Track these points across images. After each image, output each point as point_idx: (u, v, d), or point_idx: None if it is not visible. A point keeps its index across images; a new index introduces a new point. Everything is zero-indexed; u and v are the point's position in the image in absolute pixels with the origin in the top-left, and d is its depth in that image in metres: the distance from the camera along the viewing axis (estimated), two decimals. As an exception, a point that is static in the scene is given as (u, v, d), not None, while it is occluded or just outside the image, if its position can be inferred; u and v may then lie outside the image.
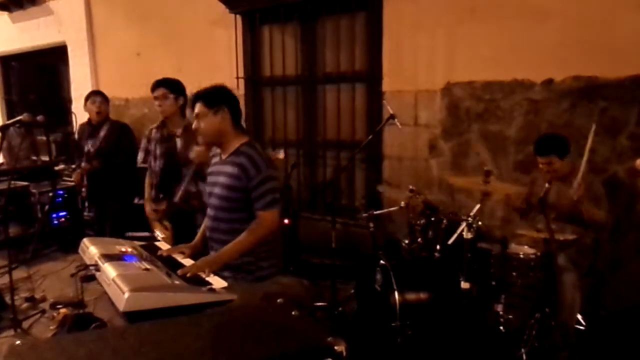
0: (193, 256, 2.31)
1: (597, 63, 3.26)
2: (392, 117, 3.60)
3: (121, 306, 1.58)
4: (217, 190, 2.32)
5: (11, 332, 3.29)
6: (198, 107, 2.30)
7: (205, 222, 2.46)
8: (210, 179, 2.42)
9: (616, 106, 3.25)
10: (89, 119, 4.39)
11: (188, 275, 1.98)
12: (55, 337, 2.78)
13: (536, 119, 3.55)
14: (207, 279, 1.99)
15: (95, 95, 4.39)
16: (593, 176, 3.13)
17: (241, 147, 2.29)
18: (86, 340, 1.17)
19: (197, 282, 1.93)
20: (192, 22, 5.35)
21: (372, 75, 4.28)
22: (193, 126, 2.38)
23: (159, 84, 3.31)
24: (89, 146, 4.26)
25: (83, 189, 4.43)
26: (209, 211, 2.40)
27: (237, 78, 4.93)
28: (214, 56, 5.17)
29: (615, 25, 3.19)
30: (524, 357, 2.73)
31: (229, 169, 2.27)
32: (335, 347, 1.10)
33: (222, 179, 2.29)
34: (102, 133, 4.26)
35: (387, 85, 4.16)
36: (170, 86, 3.28)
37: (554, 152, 2.93)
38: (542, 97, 3.50)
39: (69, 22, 6.72)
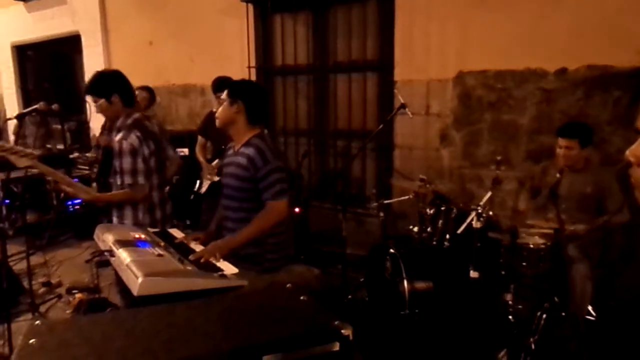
0: (206, 243, 2.35)
1: (611, 52, 3.21)
2: (403, 106, 3.59)
3: (135, 291, 1.62)
4: (228, 180, 2.40)
5: (29, 315, 3.38)
6: (224, 94, 2.40)
7: (219, 211, 2.53)
8: (224, 169, 2.50)
9: (630, 95, 3.20)
10: None
11: (201, 261, 2.03)
12: (73, 318, 2.85)
13: (549, 108, 3.52)
14: (218, 265, 2.02)
15: None
16: (607, 169, 3.10)
17: (252, 139, 2.35)
18: (102, 322, 1.21)
19: (208, 268, 1.97)
20: (204, 11, 5.36)
21: (383, 64, 4.27)
22: (214, 109, 2.44)
23: (85, 91, 2.75)
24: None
25: (95, 169, 4.48)
26: (222, 200, 2.47)
27: (249, 67, 4.94)
28: (225, 45, 5.18)
29: (631, 13, 3.13)
30: (533, 346, 2.74)
31: (239, 159, 2.34)
32: (343, 331, 1.13)
33: (233, 170, 2.37)
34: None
35: (398, 74, 4.14)
36: (95, 91, 2.71)
37: (578, 137, 2.91)
38: (556, 87, 3.47)
39: (82, 11, 6.78)
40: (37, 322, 1.14)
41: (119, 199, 2.63)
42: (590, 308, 2.98)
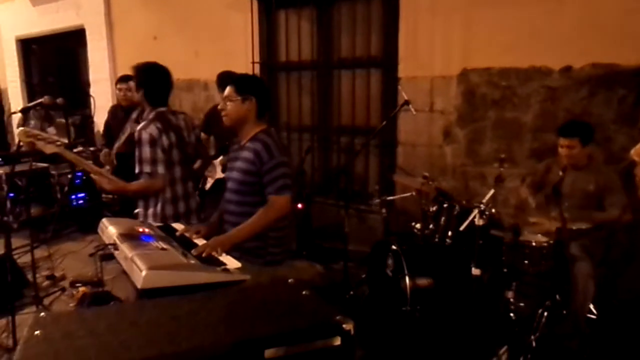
0: (208, 236, 2.36)
1: (617, 50, 3.20)
2: (406, 103, 3.59)
3: (139, 284, 1.64)
4: (233, 174, 2.41)
5: (33, 308, 3.40)
6: (228, 90, 2.37)
7: (222, 204, 2.54)
8: (229, 164, 2.51)
9: (635, 94, 3.19)
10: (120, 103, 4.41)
11: (204, 255, 2.04)
12: (77, 310, 2.87)
13: (553, 106, 3.51)
14: (221, 259, 2.03)
15: (122, 81, 4.30)
16: (611, 167, 3.10)
17: (258, 134, 2.36)
18: (106, 314, 1.23)
19: (211, 262, 1.98)
20: (209, 6, 5.36)
21: (387, 61, 4.26)
22: (219, 107, 2.43)
23: (131, 76, 2.98)
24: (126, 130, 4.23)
25: (107, 168, 4.46)
26: (226, 194, 2.48)
27: (253, 63, 4.94)
28: (230, 40, 5.18)
29: (636, 11, 3.12)
30: (534, 344, 2.75)
31: (245, 154, 2.34)
32: (344, 325, 1.14)
33: (238, 164, 2.38)
34: (133, 116, 4.27)
35: (402, 70, 4.14)
36: (135, 75, 2.97)
37: (579, 135, 2.91)
38: (560, 85, 3.46)
39: (87, 5, 6.79)
40: (42, 313, 1.15)
41: (140, 188, 2.67)
42: (591, 306, 2.98)
